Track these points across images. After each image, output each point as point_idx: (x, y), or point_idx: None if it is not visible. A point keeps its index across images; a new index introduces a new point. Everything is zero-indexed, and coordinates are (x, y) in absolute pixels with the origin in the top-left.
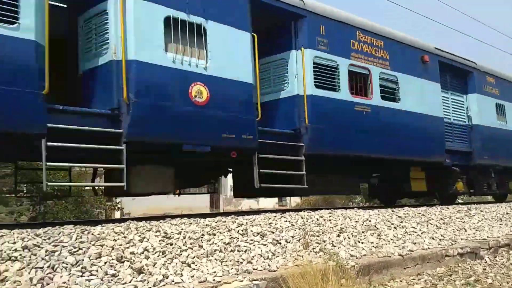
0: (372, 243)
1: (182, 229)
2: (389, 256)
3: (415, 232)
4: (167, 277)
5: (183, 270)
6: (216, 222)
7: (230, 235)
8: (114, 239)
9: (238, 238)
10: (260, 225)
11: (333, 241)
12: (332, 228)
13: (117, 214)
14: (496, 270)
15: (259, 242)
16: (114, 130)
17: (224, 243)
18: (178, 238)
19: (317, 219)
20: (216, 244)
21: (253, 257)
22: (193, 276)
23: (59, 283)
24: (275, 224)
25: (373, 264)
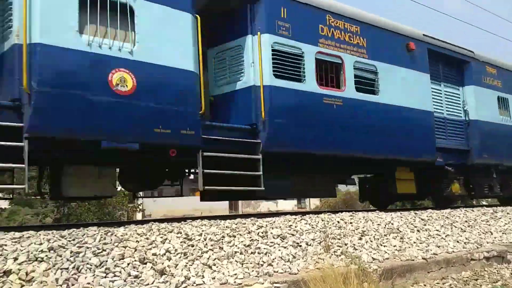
0: (394, 246)
1: (202, 230)
2: (413, 260)
3: (439, 235)
4: (188, 279)
5: (204, 271)
6: (236, 224)
7: (250, 237)
8: (137, 241)
9: (258, 240)
10: (280, 227)
11: (354, 244)
12: (354, 231)
13: (138, 216)
14: None
15: (279, 244)
16: (12, 124)
17: (244, 245)
18: (199, 239)
19: (338, 221)
20: (236, 246)
21: (273, 259)
22: (214, 278)
23: (83, 283)
24: (295, 227)
25: (396, 268)
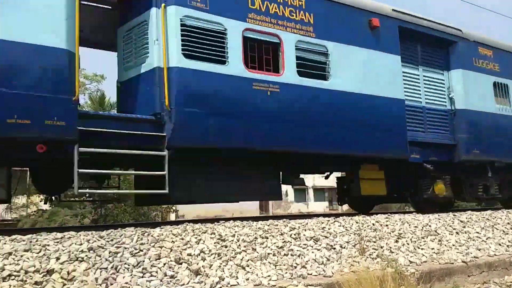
0: (432, 249)
1: (235, 231)
2: (452, 263)
3: (479, 238)
4: (223, 279)
5: (238, 272)
6: (268, 226)
7: (283, 239)
8: (172, 241)
9: (291, 242)
10: (313, 229)
11: (390, 247)
12: (390, 233)
13: (172, 216)
14: None
15: (312, 246)
16: None
17: (277, 246)
18: (232, 240)
19: (373, 224)
20: (269, 247)
21: (307, 261)
22: (248, 279)
23: (121, 283)
24: (329, 229)
25: (435, 271)
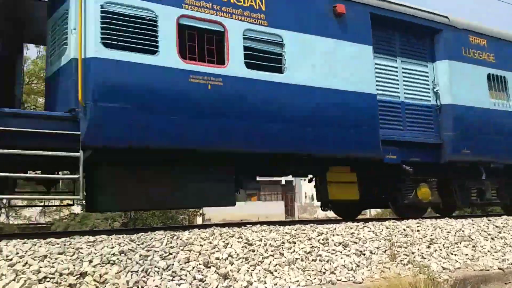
0: (466, 255)
1: (262, 236)
2: (487, 270)
3: None
4: (251, 284)
5: (266, 277)
6: (295, 230)
7: (311, 244)
8: (201, 244)
9: (319, 248)
10: (341, 234)
11: (422, 253)
12: (421, 239)
13: (199, 220)
14: None
15: (341, 252)
16: None
17: (305, 252)
18: (260, 245)
19: (404, 229)
20: (297, 252)
21: (336, 267)
22: (276, 284)
23: (152, 286)
24: (358, 234)
25: (469, 278)
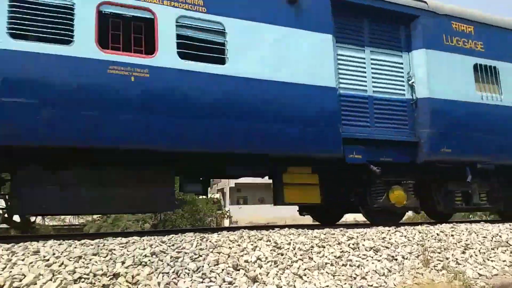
0: (504, 261)
1: (291, 239)
2: None
3: None
4: (280, 287)
5: (295, 281)
6: (324, 234)
7: (341, 248)
8: (230, 247)
9: (349, 252)
10: (372, 239)
11: (457, 259)
12: (456, 244)
13: (226, 222)
14: None
15: (372, 257)
16: None
17: (334, 256)
18: (288, 248)
19: (438, 234)
20: (326, 257)
21: (367, 272)
22: None
23: None
24: (389, 239)
25: (507, 285)
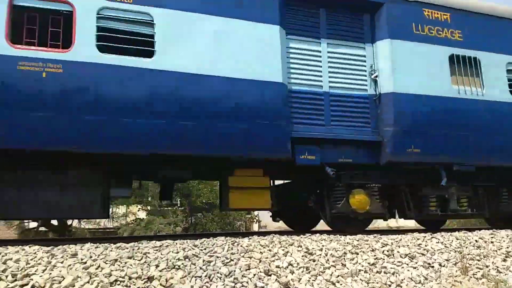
0: None
1: (323, 245)
2: None
3: None
4: None
5: None
6: (357, 241)
7: (375, 255)
8: (261, 252)
9: (383, 259)
10: (407, 246)
11: (498, 267)
12: (496, 251)
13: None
14: None
15: (408, 264)
16: None
17: (368, 263)
18: (320, 254)
19: (476, 240)
20: (360, 264)
21: (402, 280)
22: None
23: None
24: (425, 246)
25: None
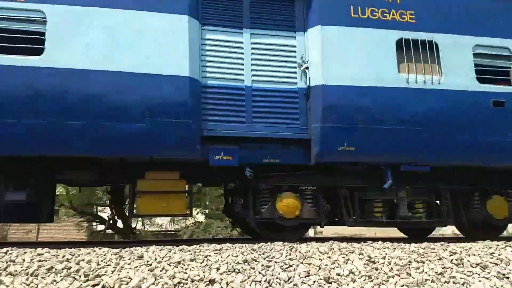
0: None
1: (386, 253)
2: None
3: None
4: None
5: None
6: (423, 249)
7: (442, 264)
8: (320, 259)
9: (452, 268)
10: (478, 254)
11: None
12: None
13: (310, 232)
14: None
15: (479, 274)
16: None
17: (435, 272)
18: (383, 263)
19: None
20: (426, 273)
21: None
22: None
23: None
24: (499, 255)
25: None
